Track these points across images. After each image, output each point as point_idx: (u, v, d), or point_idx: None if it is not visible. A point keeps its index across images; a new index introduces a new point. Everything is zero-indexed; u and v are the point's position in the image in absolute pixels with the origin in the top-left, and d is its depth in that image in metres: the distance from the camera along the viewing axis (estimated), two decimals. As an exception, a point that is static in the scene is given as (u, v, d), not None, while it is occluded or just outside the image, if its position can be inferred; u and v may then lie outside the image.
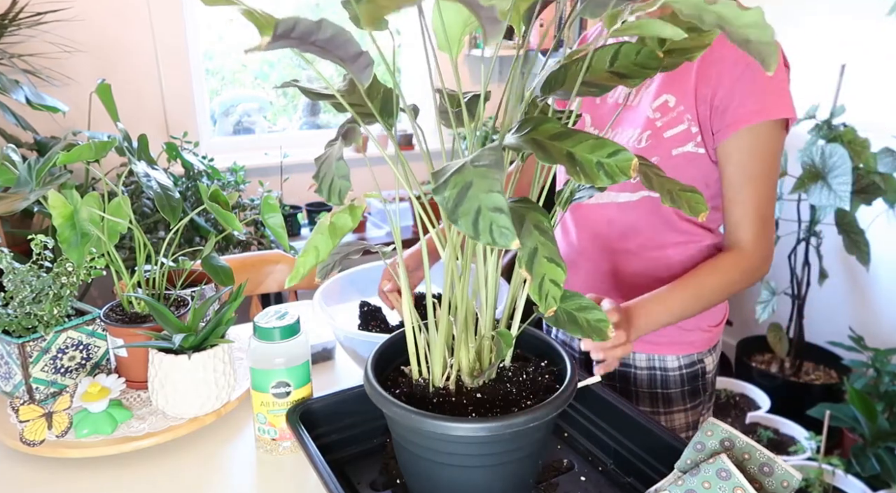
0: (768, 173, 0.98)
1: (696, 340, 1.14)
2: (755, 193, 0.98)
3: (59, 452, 0.88)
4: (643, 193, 1.05)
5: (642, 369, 1.15)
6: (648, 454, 0.80)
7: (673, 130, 1.00)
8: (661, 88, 1.02)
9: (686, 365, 1.14)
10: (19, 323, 0.95)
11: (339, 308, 1.14)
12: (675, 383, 1.14)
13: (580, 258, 1.16)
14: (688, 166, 1.01)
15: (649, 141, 1.02)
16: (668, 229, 1.07)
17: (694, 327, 1.13)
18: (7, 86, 1.95)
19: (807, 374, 2.46)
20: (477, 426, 0.64)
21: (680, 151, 1.01)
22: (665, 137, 1.01)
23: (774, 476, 0.67)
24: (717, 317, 1.16)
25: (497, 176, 0.50)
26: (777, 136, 0.97)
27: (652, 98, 1.02)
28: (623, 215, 1.09)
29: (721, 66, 0.95)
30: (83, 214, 0.98)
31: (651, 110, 1.02)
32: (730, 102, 0.95)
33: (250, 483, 0.87)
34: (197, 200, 2.23)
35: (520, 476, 0.73)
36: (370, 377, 0.72)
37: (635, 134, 1.04)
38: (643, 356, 1.15)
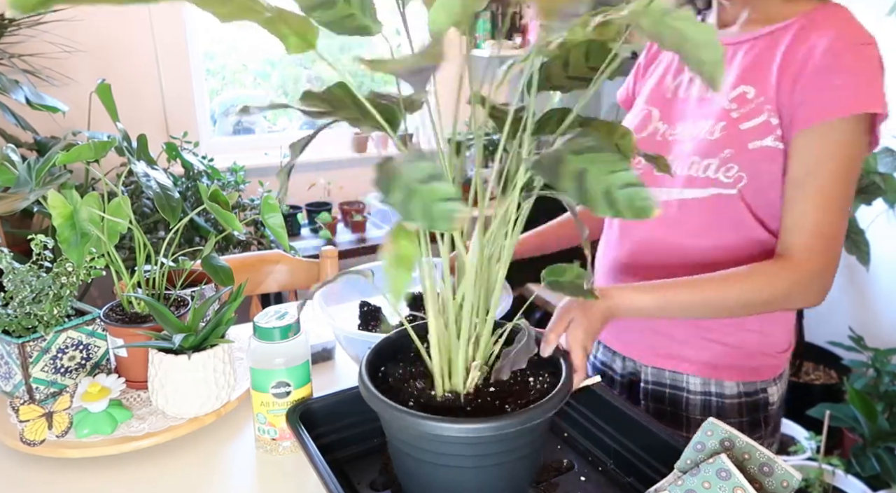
0: (838, 176, 0.86)
1: (760, 366, 1.03)
2: (819, 195, 0.87)
3: (59, 452, 0.88)
4: (715, 189, 0.95)
5: (696, 394, 1.04)
6: (648, 454, 0.80)
7: (750, 122, 0.91)
8: (739, 79, 0.94)
9: (746, 393, 1.03)
10: (19, 323, 0.95)
11: (339, 308, 1.14)
12: (732, 411, 1.03)
13: (632, 263, 1.06)
14: (767, 163, 0.91)
15: (723, 133, 0.93)
16: (739, 235, 0.96)
17: (757, 352, 1.02)
18: (7, 86, 1.95)
19: (807, 374, 2.46)
20: (469, 427, 0.64)
21: (758, 144, 0.91)
22: (741, 130, 0.92)
23: (774, 476, 0.67)
24: (784, 342, 1.04)
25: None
26: (856, 135, 0.86)
27: (729, 89, 0.94)
28: (687, 215, 0.98)
29: (808, 52, 0.87)
30: (83, 214, 0.98)
31: (727, 101, 0.94)
32: (808, 94, 0.86)
33: (250, 483, 0.87)
34: (197, 200, 2.23)
35: (515, 478, 0.73)
36: (364, 378, 0.72)
37: (707, 126, 0.95)
38: (697, 380, 1.03)
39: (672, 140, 1.01)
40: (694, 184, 0.96)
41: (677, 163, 0.98)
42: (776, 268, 0.88)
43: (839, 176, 0.87)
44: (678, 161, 0.98)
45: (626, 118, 1.10)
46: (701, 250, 0.98)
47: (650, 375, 1.08)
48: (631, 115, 1.09)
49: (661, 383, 1.07)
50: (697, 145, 0.96)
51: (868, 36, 0.88)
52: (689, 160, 0.97)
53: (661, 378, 1.07)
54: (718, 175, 0.94)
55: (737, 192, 0.93)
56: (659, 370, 1.07)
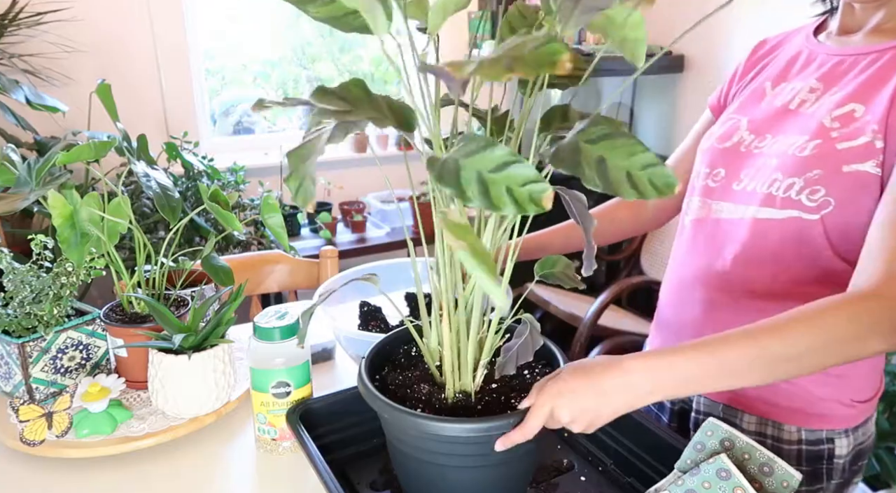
0: None
1: (829, 414, 0.88)
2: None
3: (59, 452, 0.88)
4: (793, 212, 0.83)
5: (750, 434, 0.92)
6: (648, 454, 0.80)
7: (850, 142, 0.79)
8: (849, 97, 0.82)
9: (808, 441, 0.89)
10: (19, 323, 0.95)
11: (339, 308, 1.14)
12: (789, 458, 0.90)
13: (693, 287, 0.95)
14: (860, 191, 0.78)
15: (815, 150, 0.81)
16: (816, 266, 0.83)
17: (829, 397, 0.88)
18: (7, 86, 1.95)
19: (807, 374, 2.46)
20: (467, 427, 0.64)
21: (854, 168, 0.78)
22: (838, 150, 0.80)
23: (774, 476, 0.67)
24: (866, 390, 0.90)
25: None
26: None
27: (835, 106, 0.83)
28: (762, 236, 0.86)
29: None
30: (83, 215, 0.98)
31: (829, 119, 0.82)
32: None
33: (250, 483, 0.87)
34: (197, 200, 2.23)
35: (513, 478, 0.73)
36: (364, 378, 0.72)
37: (800, 141, 0.84)
38: (753, 418, 0.92)
39: (757, 153, 0.89)
40: (772, 204, 0.85)
41: (758, 178, 0.87)
42: (852, 304, 0.70)
43: None
44: (759, 176, 0.87)
45: (713, 127, 0.99)
46: (771, 279, 0.87)
47: (702, 405, 0.97)
48: (719, 123, 0.98)
49: (713, 416, 0.88)
50: (783, 161, 0.84)
51: None
52: (772, 177, 0.85)
53: (713, 411, 0.96)
54: (801, 197, 0.82)
55: (818, 218, 0.81)
56: (713, 403, 0.96)
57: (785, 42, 0.99)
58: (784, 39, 1.00)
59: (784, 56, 0.96)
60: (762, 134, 0.90)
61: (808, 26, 0.97)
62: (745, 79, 1.01)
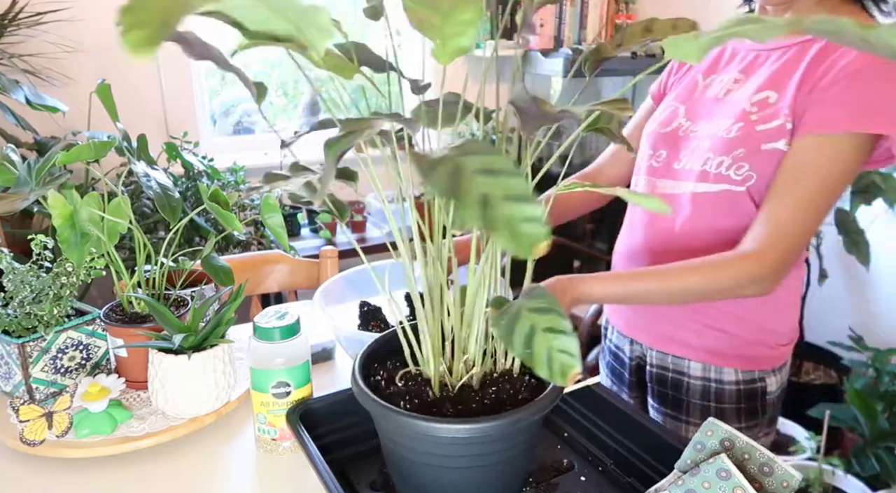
0: (818, 187, 0.89)
1: (759, 356, 1.07)
2: (792, 198, 0.90)
3: (59, 452, 0.88)
4: (724, 185, 0.99)
5: (696, 379, 1.09)
6: (648, 454, 0.80)
7: (767, 124, 0.95)
8: (765, 85, 0.97)
9: (745, 381, 1.07)
10: (19, 323, 0.95)
11: (339, 308, 1.14)
12: (730, 398, 1.08)
13: (643, 254, 1.11)
14: (775, 165, 0.94)
15: (739, 132, 0.97)
16: (742, 226, 0.98)
17: (758, 342, 1.06)
18: (7, 86, 1.95)
19: (807, 374, 2.46)
20: (460, 427, 0.64)
21: (770, 146, 0.94)
22: (757, 131, 0.95)
23: (774, 476, 0.67)
24: (786, 336, 1.09)
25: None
26: (851, 151, 0.88)
27: (753, 92, 0.98)
28: (701, 207, 1.02)
29: (832, 62, 0.90)
30: (83, 215, 0.98)
31: (749, 104, 0.97)
32: (820, 101, 0.89)
33: (250, 483, 0.87)
34: (197, 200, 2.23)
35: (506, 478, 0.73)
36: (357, 378, 0.72)
37: (726, 125, 0.99)
38: (698, 366, 1.08)
39: (692, 136, 1.05)
40: (707, 179, 1.01)
41: (693, 158, 1.03)
42: (733, 258, 0.92)
43: (821, 185, 0.90)
44: (695, 156, 1.03)
45: (654, 114, 1.15)
46: (710, 242, 1.02)
47: (655, 358, 1.14)
48: (659, 110, 1.14)
49: (664, 366, 1.13)
50: (714, 143, 1.00)
51: None
52: (705, 156, 1.01)
53: (664, 362, 1.12)
54: (730, 172, 0.98)
55: (745, 189, 0.98)
56: (663, 355, 1.12)
57: None
58: None
59: (713, 51, 1.11)
60: (696, 120, 1.06)
61: None
62: (680, 71, 1.17)
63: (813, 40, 0.95)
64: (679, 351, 1.10)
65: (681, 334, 1.09)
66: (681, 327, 1.09)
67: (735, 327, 1.06)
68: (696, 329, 1.07)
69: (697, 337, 1.07)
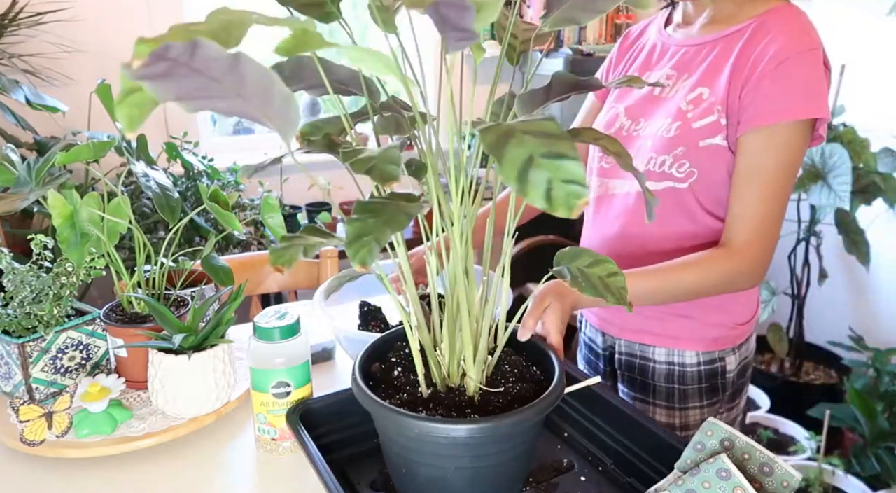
0: (779, 175, 0.95)
1: (719, 337, 1.12)
2: (760, 192, 0.95)
3: (59, 452, 0.88)
4: (668, 183, 1.03)
5: (661, 363, 1.14)
6: (648, 454, 0.80)
7: (702, 121, 0.99)
8: (698, 82, 1.01)
9: (705, 362, 1.12)
10: (19, 323, 0.95)
11: (339, 308, 1.14)
12: (692, 379, 1.13)
13: (604, 248, 1.15)
14: (716, 160, 0.99)
15: (677, 131, 1.00)
16: (693, 223, 1.05)
17: (717, 324, 1.11)
18: (7, 86, 1.95)
19: (807, 374, 2.46)
20: (460, 428, 0.64)
21: (707, 143, 0.99)
22: (694, 128, 0.99)
23: (774, 476, 0.67)
24: (744, 315, 1.13)
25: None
26: (798, 137, 0.94)
27: (688, 91, 1.02)
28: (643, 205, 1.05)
29: (757, 56, 0.94)
30: (83, 215, 0.98)
31: (685, 102, 1.01)
32: (756, 96, 0.93)
33: (250, 483, 0.87)
34: (197, 200, 2.22)
35: (506, 478, 0.72)
36: (357, 377, 0.72)
37: (665, 124, 1.03)
38: (662, 351, 1.14)
39: (635, 136, 1.08)
40: (651, 177, 1.04)
41: (638, 157, 1.06)
42: (721, 258, 0.97)
43: (781, 173, 0.95)
44: (639, 156, 1.06)
45: (598, 116, 1.19)
46: (659, 238, 1.07)
47: (623, 347, 1.19)
48: (603, 112, 1.18)
49: (632, 354, 1.18)
50: (655, 142, 1.04)
51: (814, 41, 0.94)
52: (648, 156, 1.04)
53: (632, 350, 1.17)
54: (672, 170, 1.02)
55: (687, 186, 1.02)
56: (630, 343, 1.17)
57: (644, 32, 1.18)
58: (644, 29, 1.19)
59: (645, 48, 1.15)
60: (637, 119, 1.09)
61: (659, 17, 1.17)
62: (619, 67, 1.20)
63: (739, 32, 0.98)
64: (644, 339, 1.15)
65: (646, 324, 1.14)
66: (645, 317, 1.13)
67: (695, 313, 1.10)
68: (660, 318, 1.12)
69: (661, 325, 1.12)
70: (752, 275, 0.98)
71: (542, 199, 0.45)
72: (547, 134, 0.48)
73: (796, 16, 0.97)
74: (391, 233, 0.52)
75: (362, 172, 0.54)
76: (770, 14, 0.97)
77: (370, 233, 0.51)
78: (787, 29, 0.94)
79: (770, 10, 0.98)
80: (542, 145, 0.47)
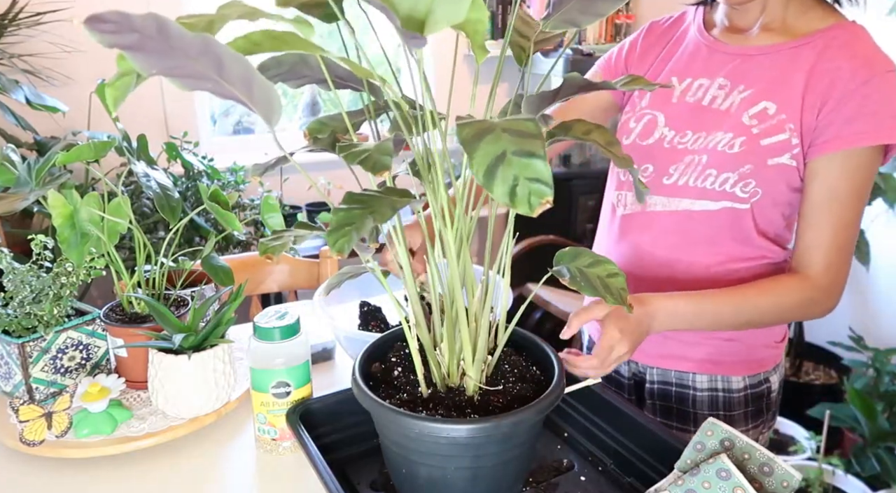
0: (855, 201, 0.91)
1: (764, 358, 1.07)
2: (835, 219, 0.91)
3: (59, 452, 0.88)
4: (726, 202, 0.97)
5: (703, 391, 1.07)
6: (648, 454, 0.80)
7: (771, 138, 0.93)
8: (759, 95, 0.94)
9: (752, 385, 1.07)
10: (19, 323, 0.95)
11: (339, 308, 1.14)
12: (739, 404, 1.06)
13: (637, 270, 1.06)
14: (780, 180, 0.94)
15: (743, 147, 0.94)
16: (745, 244, 0.99)
17: (758, 345, 1.06)
18: (7, 86, 1.95)
19: (807, 374, 2.46)
20: (460, 428, 0.64)
21: (776, 161, 0.93)
22: (762, 146, 0.93)
23: (774, 476, 0.67)
24: (780, 332, 1.09)
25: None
26: (875, 161, 0.90)
27: (748, 105, 0.94)
28: (698, 226, 1.00)
29: (836, 75, 0.89)
30: (83, 215, 0.98)
31: (747, 117, 0.94)
32: (835, 118, 0.88)
33: (250, 483, 0.87)
34: (197, 200, 2.22)
35: (506, 478, 0.72)
36: (357, 377, 0.72)
37: (726, 139, 0.95)
38: (704, 377, 1.06)
39: (682, 149, 0.99)
40: (707, 196, 0.98)
41: (689, 173, 0.99)
42: (797, 284, 0.93)
43: (856, 199, 0.91)
44: (691, 172, 0.98)
45: (628, 122, 1.06)
46: (705, 258, 1.00)
47: (656, 375, 1.10)
48: (631, 116, 1.06)
49: (667, 382, 1.10)
50: (715, 158, 0.96)
51: (890, 62, 0.89)
52: (706, 173, 0.97)
53: (666, 378, 1.09)
54: (735, 190, 0.96)
55: (749, 206, 0.96)
56: (665, 371, 1.09)
57: (676, 27, 1.07)
58: (674, 24, 1.08)
59: (685, 48, 1.04)
60: (682, 130, 1.00)
61: (693, 14, 1.06)
62: (647, 61, 1.07)
63: (806, 46, 0.92)
64: (681, 366, 1.07)
65: (682, 349, 1.06)
66: (681, 342, 1.06)
67: (736, 334, 1.04)
68: (695, 342, 1.05)
69: (697, 349, 1.05)
70: (827, 304, 0.94)
71: (506, 195, 0.46)
72: (521, 132, 0.48)
73: (865, 34, 0.92)
74: (373, 224, 0.52)
75: (355, 162, 0.55)
76: (839, 30, 0.92)
77: (352, 222, 0.52)
78: (863, 47, 0.90)
79: (837, 26, 0.92)
80: (515, 143, 0.47)
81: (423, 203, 0.65)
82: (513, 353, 0.79)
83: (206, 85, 0.48)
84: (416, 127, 0.66)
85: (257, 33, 0.51)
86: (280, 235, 0.66)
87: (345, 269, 1.00)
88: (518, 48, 0.73)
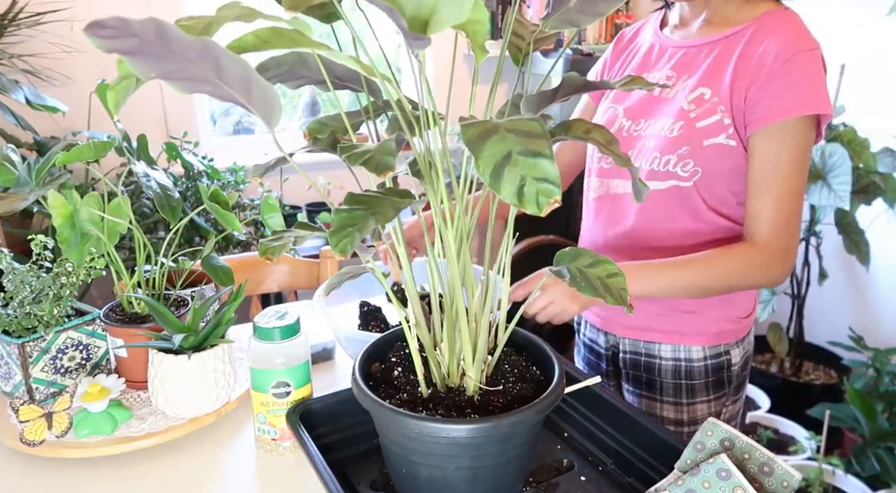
0: (794, 170, 0.97)
1: (723, 331, 1.14)
2: (778, 187, 0.98)
3: (59, 452, 0.88)
4: (672, 181, 1.05)
5: (667, 360, 1.15)
6: (648, 454, 0.80)
7: (705, 120, 1.01)
8: (698, 82, 1.03)
9: (711, 356, 1.14)
10: (19, 323, 0.95)
11: (339, 308, 1.14)
12: (699, 374, 1.14)
13: (612, 247, 1.16)
14: (720, 158, 1.02)
15: (681, 131, 1.03)
16: (699, 221, 1.07)
17: (721, 318, 1.13)
18: (7, 86, 1.95)
19: (807, 374, 2.46)
20: (460, 428, 0.64)
21: (712, 142, 1.01)
22: (697, 128, 1.01)
23: (774, 476, 0.67)
24: (746, 309, 1.16)
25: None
26: (807, 132, 0.97)
27: (689, 91, 1.04)
28: (653, 205, 1.08)
29: (761, 58, 0.96)
30: (83, 215, 0.98)
31: (686, 102, 1.03)
32: (763, 96, 0.96)
33: (250, 483, 0.87)
34: (197, 200, 2.22)
35: (507, 478, 0.72)
36: (357, 377, 0.72)
37: (668, 124, 1.04)
38: (668, 347, 1.15)
39: (637, 136, 1.10)
40: (656, 177, 1.06)
41: (641, 157, 1.08)
42: (746, 251, 1.00)
43: (795, 169, 0.98)
44: (642, 156, 1.08)
45: (595, 117, 1.20)
46: (665, 236, 1.09)
47: (628, 345, 1.20)
48: (600, 113, 1.18)
49: (637, 352, 1.19)
50: (658, 142, 1.05)
51: (813, 41, 0.97)
52: (652, 156, 1.06)
53: (637, 348, 1.19)
54: (677, 169, 1.04)
55: (692, 184, 1.04)
56: (635, 341, 1.19)
57: (639, 33, 1.20)
58: (638, 31, 1.21)
59: (642, 49, 1.16)
60: (637, 119, 1.11)
61: (653, 18, 1.19)
62: (614, 68, 1.21)
63: (739, 33, 1.00)
64: (650, 336, 1.16)
65: (650, 322, 1.15)
66: (650, 315, 1.15)
67: (699, 307, 1.12)
68: (665, 314, 1.13)
69: (666, 321, 1.14)
70: (776, 270, 1.00)
71: (514, 195, 0.45)
72: (527, 133, 0.48)
73: (793, 17, 1.00)
74: (375, 225, 0.52)
75: (358, 164, 0.55)
76: (767, 17, 1.00)
77: (354, 223, 0.52)
78: (787, 29, 0.97)
79: (767, 13, 1.00)
80: (520, 143, 0.47)
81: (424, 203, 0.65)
82: (513, 353, 0.79)
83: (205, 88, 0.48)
84: (417, 127, 0.66)
85: (266, 30, 0.51)
86: (280, 235, 0.67)
87: (345, 269, 1.00)
88: (515, 48, 0.73)
